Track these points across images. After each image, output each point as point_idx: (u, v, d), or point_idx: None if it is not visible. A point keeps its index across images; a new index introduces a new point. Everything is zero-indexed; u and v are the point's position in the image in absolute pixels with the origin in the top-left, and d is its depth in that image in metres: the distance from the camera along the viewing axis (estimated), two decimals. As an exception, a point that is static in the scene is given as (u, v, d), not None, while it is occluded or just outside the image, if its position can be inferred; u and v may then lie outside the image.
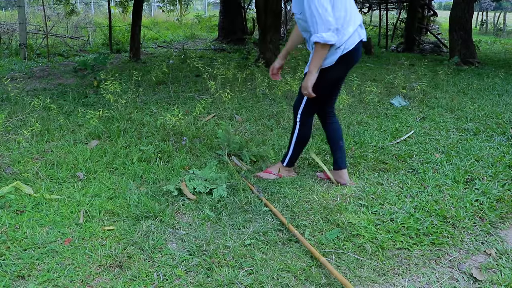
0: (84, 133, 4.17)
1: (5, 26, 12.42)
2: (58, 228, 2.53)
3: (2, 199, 2.86)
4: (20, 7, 10.24)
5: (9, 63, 9.53)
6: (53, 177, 3.25)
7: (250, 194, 2.88)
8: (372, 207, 2.75)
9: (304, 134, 3.06)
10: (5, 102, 5.50)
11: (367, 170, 3.34)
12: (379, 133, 4.25)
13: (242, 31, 13.66)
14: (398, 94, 5.66)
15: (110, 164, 3.44)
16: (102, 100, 5.37)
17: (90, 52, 11.85)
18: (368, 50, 11.06)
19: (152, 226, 2.50)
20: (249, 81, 6.34)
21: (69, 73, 7.84)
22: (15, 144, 3.91)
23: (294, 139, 3.07)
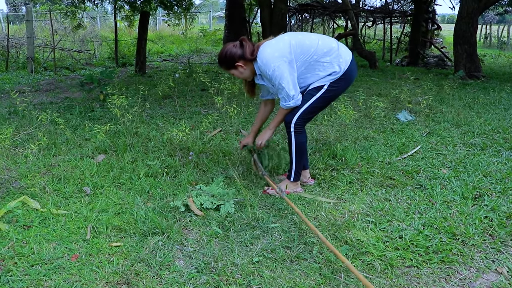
0: (91, 147, 4.18)
1: (13, 40, 12.53)
2: (65, 243, 2.53)
3: (9, 214, 2.87)
4: (28, 21, 10.35)
5: (16, 77, 9.61)
6: (60, 191, 3.25)
7: (258, 210, 2.87)
8: (380, 224, 2.73)
9: (302, 142, 3.12)
10: (13, 115, 5.54)
11: (375, 186, 3.33)
12: (385, 148, 4.24)
13: (246, 45, 13.72)
14: (404, 109, 5.66)
15: (116, 179, 3.44)
16: (108, 114, 5.40)
17: (96, 66, 11.94)
18: (372, 64, 11.10)
19: (160, 243, 2.49)
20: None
21: (76, 87, 7.89)
22: (23, 158, 3.92)
23: (294, 151, 3.11)
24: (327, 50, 2.95)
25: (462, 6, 9.01)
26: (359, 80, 8.71)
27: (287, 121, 3.06)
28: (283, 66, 2.84)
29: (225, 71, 3.08)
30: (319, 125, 4.93)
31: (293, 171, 3.18)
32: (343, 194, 3.20)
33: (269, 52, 2.84)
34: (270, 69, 2.83)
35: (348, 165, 3.71)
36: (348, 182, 3.40)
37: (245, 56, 2.92)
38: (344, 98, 5.21)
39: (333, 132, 4.56)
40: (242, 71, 3.00)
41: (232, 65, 2.98)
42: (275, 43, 2.89)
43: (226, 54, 2.95)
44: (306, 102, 3.01)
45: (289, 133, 3.08)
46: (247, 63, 2.97)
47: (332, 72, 2.96)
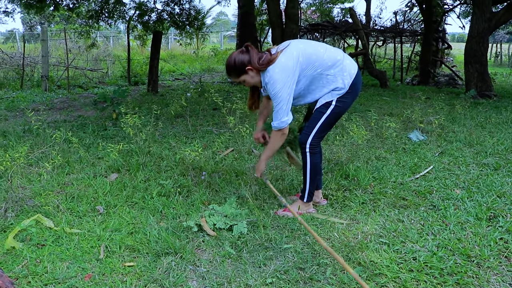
0: (104, 166, 4.22)
1: (28, 59, 12.76)
2: (78, 263, 2.54)
3: (23, 232, 2.89)
4: (43, 40, 10.55)
5: (30, 95, 9.76)
6: (73, 210, 3.27)
7: (271, 231, 2.87)
8: (394, 245, 2.71)
9: (317, 162, 3.11)
10: (27, 133, 5.62)
11: (387, 207, 3.31)
12: (398, 168, 4.22)
13: (258, 64, 13.82)
14: (416, 128, 5.64)
15: (129, 198, 3.46)
16: (121, 133, 5.45)
17: (109, 84, 12.09)
18: (383, 83, 11.11)
19: (173, 263, 2.49)
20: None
21: (89, 105, 7.99)
22: (37, 176, 3.96)
23: (309, 171, 3.10)
24: (332, 64, 2.94)
25: (472, 26, 9.03)
26: (370, 100, 8.73)
27: (302, 141, 3.06)
28: (286, 90, 2.84)
29: (235, 79, 3.01)
30: (331, 145, 4.94)
31: (306, 191, 3.16)
32: (356, 215, 3.18)
33: (277, 72, 2.82)
34: (275, 90, 2.83)
35: (361, 186, 3.70)
36: (361, 202, 3.39)
37: (251, 62, 2.88)
38: (356, 118, 5.22)
39: (345, 152, 4.56)
40: (253, 75, 2.93)
41: (243, 70, 2.92)
42: (284, 62, 2.85)
43: (235, 61, 2.91)
44: (318, 121, 3.01)
45: (304, 153, 3.07)
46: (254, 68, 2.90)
47: (336, 87, 2.96)
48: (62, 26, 18.76)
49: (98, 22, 11.30)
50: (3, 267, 2.48)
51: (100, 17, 10.97)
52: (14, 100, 8.95)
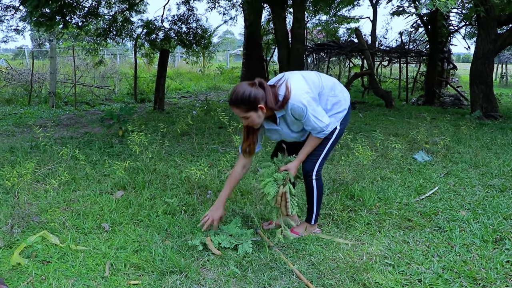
0: (110, 183, 4.24)
1: (37, 75, 12.90)
2: (83, 280, 2.54)
3: (29, 249, 2.90)
4: (52, 57, 10.70)
5: (38, 111, 9.85)
6: (79, 227, 3.29)
7: (275, 251, 2.86)
8: (399, 267, 2.70)
9: (322, 187, 3.11)
10: (34, 149, 5.66)
11: (393, 228, 3.30)
12: (403, 189, 4.22)
13: (263, 83, 13.91)
14: (421, 149, 5.65)
15: (135, 215, 3.47)
16: (127, 150, 5.48)
17: (115, 101, 12.19)
18: (388, 103, 11.15)
19: (178, 282, 2.49)
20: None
21: (96, 122, 8.06)
22: (43, 193, 3.99)
23: (315, 197, 3.09)
24: (332, 85, 2.98)
25: (477, 47, 9.09)
26: (375, 120, 8.75)
27: (308, 170, 3.02)
28: (311, 101, 2.78)
29: (240, 113, 2.75)
30: (336, 165, 4.95)
31: (314, 214, 3.15)
32: (361, 236, 3.18)
33: (296, 90, 2.74)
34: (304, 106, 2.73)
35: (366, 206, 3.70)
36: (366, 223, 3.38)
37: (267, 101, 2.73)
38: (362, 139, 5.23)
39: (350, 172, 4.57)
40: (261, 115, 2.76)
41: (254, 106, 2.71)
42: (295, 82, 2.79)
43: (250, 94, 2.68)
44: (324, 148, 3.01)
45: (310, 181, 3.05)
46: (266, 108, 2.75)
47: (338, 111, 3.00)
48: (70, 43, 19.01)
49: (106, 40, 11.45)
50: (9, 283, 2.49)
51: (108, 35, 11.13)
52: (22, 116, 9.04)
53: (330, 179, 4.43)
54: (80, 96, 12.23)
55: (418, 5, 11.70)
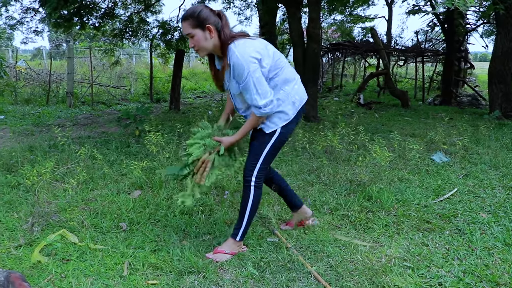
0: (127, 183, 4.27)
1: (55, 75, 13.06)
2: (102, 279, 2.56)
3: (49, 247, 2.93)
4: (69, 58, 10.81)
5: (56, 110, 9.97)
6: (97, 226, 3.31)
7: (293, 252, 2.85)
8: (418, 270, 2.67)
9: (259, 199, 2.81)
10: (52, 149, 5.73)
11: (411, 230, 3.27)
12: (421, 190, 4.17)
13: (278, 83, 13.87)
14: (439, 150, 5.59)
15: (152, 215, 3.49)
16: (143, 150, 5.52)
17: (131, 101, 12.28)
18: (405, 103, 11.06)
19: (196, 282, 2.50)
20: (288, 134, 6.40)
21: (112, 122, 8.13)
22: (62, 191, 4.03)
23: (249, 208, 2.78)
24: (289, 78, 2.70)
25: (496, 45, 8.96)
26: (391, 120, 8.68)
27: (246, 175, 2.77)
28: (259, 71, 2.51)
29: (187, 30, 2.54)
30: (353, 165, 4.91)
31: (241, 229, 2.81)
32: (379, 237, 3.15)
33: (251, 50, 2.51)
34: (247, 68, 2.48)
35: (384, 208, 3.67)
36: (384, 225, 3.35)
37: (221, 28, 2.53)
38: (379, 139, 5.19)
39: (367, 173, 4.53)
40: (208, 37, 2.52)
41: (202, 24, 2.50)
42: (257, 45, 2.56)
43: (202, 11, 2.51)
44: (263, 152, 2.74)
45: (248, 187, 2.76)
46: (216, 36, 2.53)
47: (283, 110, 2.70)
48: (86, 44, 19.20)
49: (122, 40, 11.54)
50: (30, 280, 2.52)
51: (124, 35, 11.21)
52: (40, 115, 9.16)
53: (347, 180, 4.40)
54: (97, 96, 12.35)
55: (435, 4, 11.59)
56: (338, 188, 4.17)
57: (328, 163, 4.92)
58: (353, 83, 18.90)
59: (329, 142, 5.34)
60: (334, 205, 3.74)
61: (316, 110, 8.30)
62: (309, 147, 5.48)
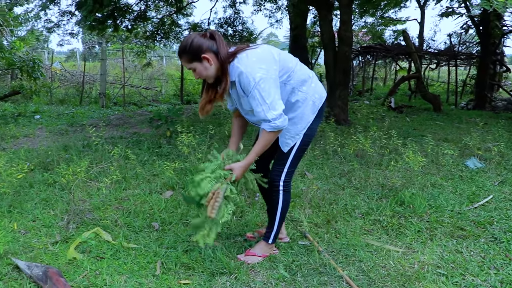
0: (159, 183, 4.33)
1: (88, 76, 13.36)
2: (135, 277, 2.61)
3: (84, 244, 3.00)
4: (102, 60, 11.04)
5: (88, 111, 10.20)
6: (130, 225, 3.37)
7: (324, 255, 2.84)
8: (453, 277, 2.62)
9: (288, 202, 2.80)
10: (86, 148, 5.86)
11: (445, 236, 3.21)
12: (454, 196, 4.09)
13: (308, 85, 13.83)
14: (473, 155, 5.46)
15: (184, 216, 3.53)
16: (175, 151, 5.59)
17: (162, 103, 12.45)
18: (436, 107, 10.86)
19: (228, 283, 2.52)
20: (319, 137, 6.37)
21: (144, 123, 8.25)
22: (96, 190, 4.12)
23: (279, 212, 2.76)
24: (305, 78, 2.61)
25: (534, 50, 8.71)
26: (423, 124, 8.54)
27: (274, 180, 2.72)
28: (268, 80, 2.38)
29: (186, 63, 2.50)
30: (384, 170, 4.86)
31: (273, 233, 2.81)
32: (411, 243, 3.10)
33: (254, 60, 2.41)
34: (253, 80, 2.37)
35: (416, 213, 3.61)
36: (417, 230, 3.30)
37: (218, 50, 2.43)
38: (412, 144, 5.11)
39: (399, 178, 4.47)
40: (208, 66, 2.44)
41: (197, 56, 2.42)
42: (260, 53, 2.46)
43: (192, 43, 2.41)
44: (289, 155, 2.68)
45: (277, 192, 2.73)
46: (216, 60, 2.44)
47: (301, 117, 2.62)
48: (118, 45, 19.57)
49: (154, 42, 11.71)
50: (66, 276, 2.58)
51: (156, 37, 11.38)
52: (74, 115, 9.39)
53: (379, 185, 4.35)
54: (128, 97, 12.58)
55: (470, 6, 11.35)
56: (369, 192, 4.13)
57: (359, 167, 4.87)
58: (383, 87, 18.67)
59: (361, 145, 5.29)
60: (365, 209, 3.70)
61: (346, 114, 8.24)
62: (340, 151, 5.44)
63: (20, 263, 2.68)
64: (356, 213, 3.63)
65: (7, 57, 10.62)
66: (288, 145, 2.66)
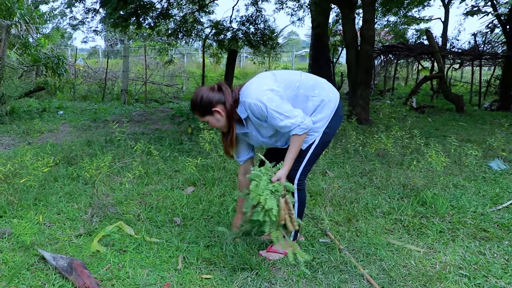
0: (181, 179, 4.38)
1: (110, 73, 13.53)
2: (157, 271, 2.65)
3: (107, 237, 3.06)
4: (125, 56, 11.17)
5: (111, 107, 10.33)
6: (152, 220, 3.42)
7: (346, 255, 2.84)
8: (475, 279, 2.59)
9: (305, 198, 2.83)
10: (109, 144, 5.95)
11: (467, 238, 3.17)
12: (477, 198, 4.04)
13: (329, 85, 13.77)
14: (497, 157, 5.38)
15: (205, 212, 3.56)
16: (196, 147, 5.63)
17: (183, 100, 12.53)
18: (459, 108, 10.70)
19: (249, 279, 2.54)
20: (340, 136, 6.36)
21: (165, 119, 8.33)
22: (118, 185, 4.18)
23: (297, 210, 2.78)
24: (314, 83, 2.69)
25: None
26: (446, 124, 8.44)
27: (289, 179, 2.69)
28: (275, 97, 2.51)
29: (199, 117, 2.70)
30: (405, 170, 4.82)
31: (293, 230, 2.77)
32: (433, 243, 3.08)
33: (255, 87, 2.56)
34: (263, 104, 2.50)
35: (438, 214, 3.58)
36: (439, 231, 3.27)
37: (225, 101, 2.60)
38: (436, 144, 5.05)
39: (421, 178, 4.43)
40: (219, 118, 2.63)
41: (208, 110, 2.62)
42: (257, 80, 2.62)
43: (202, 98, 2.61)
44: (306, 154, 2.70)
45: None
46: (225, 111, 2.61)
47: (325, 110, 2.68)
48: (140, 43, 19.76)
49: (176, 40, 11.79)
50: (90, 268, 2.64)
51: (178, 35, 11.46)
52: (96, 111, 9.53)
53: (400, 184, 4.32)
54: (150, 94, 12.70)
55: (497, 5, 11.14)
56: (390, 192, 4.11)
57: (381, 166, 4.84)
58: (405, 86, 18.48)
59: (382, 145, 5.26)
60: (386, 208, 3.69)
61: (368, 113, 8.19)
62: (362, 150, 5.42)
63: (46, 254, 2.74)
64: (377, 212, 3.62)
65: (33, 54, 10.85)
66: (307, 142, 2.68)
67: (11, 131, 6.92)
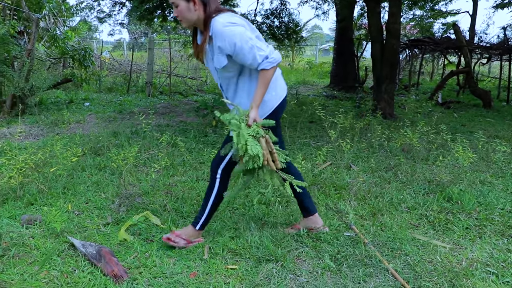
0: (206, 171, 4.42)
1: (135, 66, 13.68)
2: (184, 261, 2.69)
3: (134, 227, 3.12)
4: (150, 49, 11.27)
5: (135, 99, 10.45)
6: (178, 210, 3.47)
7: (370, 249, 2.83)
8: (503, 277, 2.56)
9: (222, 193, 2.83)
10: (134, 135, 6.04)
11: (495, 235, 3.13)
12: (505, 195, 3.97)
13: (354, 79, 13.69)
14: (526, 154, 5.27)
15: (230, 203, 3.60)
16: (220, 140, 5.67)
17: (207, 92, 12.60)
18: (487, 103, 10.50)
19: (274, 270, 2.56)
20: (365, 130, 6.32)
21: (190, 112, 8.41)
22: (144, 176, 4.25)
23: (212, 198, 2.81)
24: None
25: None
26: (472, 120, 8.29)
27: (214, 166, 2.79)
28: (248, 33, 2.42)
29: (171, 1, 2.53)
30: (431, 165, 4.77)
31: (203, 218, 2.86)
32: (459, 240, 3.05)
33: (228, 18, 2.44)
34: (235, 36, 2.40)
35: (464, 210, 3.54)
36: (465, 227, 3.24)
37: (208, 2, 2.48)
38: (463, 140, 4.99)
39: (447, 174, 4.38)
40: (191, 9, 2.48)
41: None
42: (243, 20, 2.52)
43: None
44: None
45: (214, 178, 2.80)
46: (202, 10, 2.47)
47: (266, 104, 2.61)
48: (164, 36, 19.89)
49: (202, 33, 11.83)
50: (117, 256, 2.70)
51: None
52: (122, 103, 9.66)
53: (425, 180, 4.28)
54: (174, 87, 12.80)
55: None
56: (416, 187, 4.08)
57: (406, 161, 4.80)
58: (430, 81, 18.19)
59: (408, 140, 5.21)
60: (412, 204, 3.66)
61: (392, 108, 8.11)
62: (387, 144, 5.38)
63: (75, 241, 2.82)
64: (402, 207, 3.60)
65: (61, 46, 11.04)
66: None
67: (40, 122, 7.08)
